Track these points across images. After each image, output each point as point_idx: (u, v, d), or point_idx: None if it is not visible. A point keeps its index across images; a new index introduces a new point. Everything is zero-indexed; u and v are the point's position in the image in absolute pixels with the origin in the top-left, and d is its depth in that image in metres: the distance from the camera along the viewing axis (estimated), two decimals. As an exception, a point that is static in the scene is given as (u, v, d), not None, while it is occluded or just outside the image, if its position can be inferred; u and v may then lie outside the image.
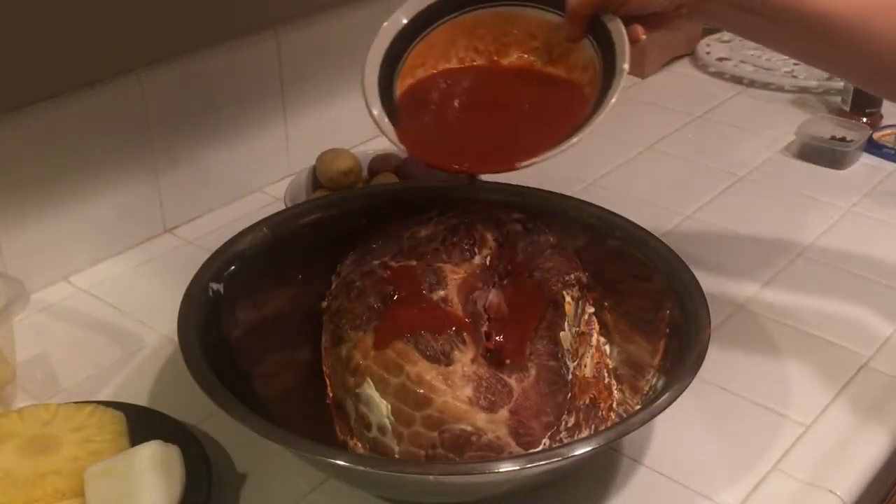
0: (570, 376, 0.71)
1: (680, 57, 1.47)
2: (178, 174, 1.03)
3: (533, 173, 0.82)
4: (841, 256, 1.00)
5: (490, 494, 0.70)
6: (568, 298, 0.76)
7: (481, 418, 0.66)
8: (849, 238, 1.04)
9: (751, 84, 1.39)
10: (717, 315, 0.87)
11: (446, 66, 0.83)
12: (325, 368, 0.76)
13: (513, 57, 0.83)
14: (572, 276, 0.78)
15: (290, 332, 0.80)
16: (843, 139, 1.18)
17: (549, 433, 0.68)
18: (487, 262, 0.76)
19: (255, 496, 0.72)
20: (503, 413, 0.67)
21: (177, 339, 0.71)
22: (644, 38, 0.76)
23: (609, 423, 0.74)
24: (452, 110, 0.81)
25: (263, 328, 0.79)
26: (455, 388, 0.67)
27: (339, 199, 0.91)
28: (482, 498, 0.71)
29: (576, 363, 0.74)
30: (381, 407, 0.68)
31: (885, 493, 0.83)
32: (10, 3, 0.84)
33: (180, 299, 0.74)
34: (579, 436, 0.70)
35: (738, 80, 1.40)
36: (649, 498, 0.73)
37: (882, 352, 0.87)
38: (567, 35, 0.79)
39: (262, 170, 1.11)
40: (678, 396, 0.66)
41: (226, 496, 0.72)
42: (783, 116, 1.28)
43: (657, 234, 0.83)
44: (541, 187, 0.88)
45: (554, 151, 0.73)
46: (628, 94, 1.37)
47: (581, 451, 0.63)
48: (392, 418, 0.67)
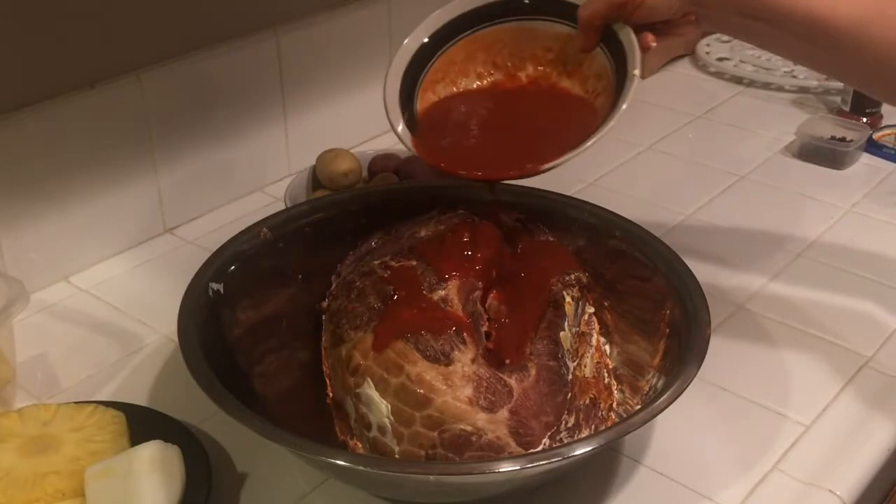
0: (570, 376, 0.71)
1: (680, 57, 1.47)
2: (178, 174, 1.03)
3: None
4: (841, 256, 1.00)
5: (490, 494, 0.70)
6: (568, 298, 0.76)
7: (481, 418, 0.66)
8: (849, 238, 1.04)
9: (751, 84, 1.39)
10: (717, 315, 0.87)
11: (465, 81, 0.85)
12: (325, 368, 0.76)
13: (529, 69, 0.85)
14: (572, 276, 0.78)
15: (290, 332, 0.80)
16: (843, 139, 1.18)
17: (549, 433, 0.68)
18: (488, 262, 0.76)
19: (255, 496, 0.72)
20: (503, 413, 0.67)
21: (177, 339, 0.71)
22: (654, 45, 0.78)
23: (609, 423, 0.74)
24: (471, 125, 0.84)
25: (263, 328, 0.79)
26: (455, 388, 0.67)
27: (339, 199, 0.91)
28: (482, 498, 0.71)
29: (576, 363, 0.74)
30: (381, 407, 0.68)
31: (885, 493, 0.83)
32: (11, 3, 0.84)
33: (180, 299, 0.74)
34: (579, 436, 0.70)
35: (738, 80, 1.40)
36: (649, 498, 0.73)
37: (882, 351, 0.87)
38: (580, 45, 0.81)
39: (262, 170, 1.11)
40: (678, 396, 0.66)
41: (226, 496, 0.72)
42: (783, 116, 1.28)
43: (657, 234, 0.83)
44: (541, 187, 0.88)
45: (569, 155, 0.74)
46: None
47: (581, 451, 0.63)
48: (392, 418, 0.67)
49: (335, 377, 0.73)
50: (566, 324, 0.74)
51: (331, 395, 0.75)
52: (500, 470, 0.62)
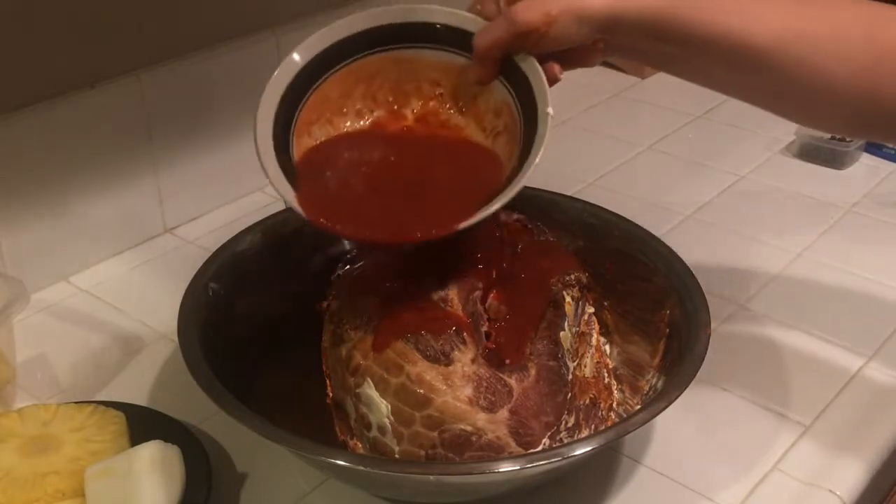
0: (570, 376, 0.71)
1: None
2: (178, 174, 1.03)
3: (533, 173, 0.82)
4: (841, 256, 1.00)
5: (490, 494, 0.70)
6: (568, 298, 0.76)
7: (481, 418, 0.66)
8: (849, 238, 1.04)
9: (751, 84, 1.39)
10: (717, 315, 0.87)
11: (343, 120, 0.76)
12: (325, 368, 0.76)
13: (415, 105, 0.76)
14: (572, 276, 0.78)
15: (290, 332, 0.80)
16: (843, 139, 1.18)
17: (549, 433, 0.68)
18: (488, 262, 0.76)
19: (255, 496, 0.72)
20: (503, 413, 0.67)
21: (177, 339, 0.71)
22: (561, 77, 0.70)
23: (609, 423, 0.74)
24: (358, 178, 0.74)
25: (263, 328, 0.79)
26: (455, 388, 0.67)
27: (339, 199, 0.90)
28: (482, 498, 0.71)
29: (576, 363, 0.74)
30: (381, 407, 0.68)
31: (885, 493, 0.83)
32: (11, 3, 0.84)
33: (180, 299, 0.74)
34: (579, 436, 0.70)
35: (738, 80, 1.40)
36: (649, 498, 0.73)
37: (882, 352, 0.87)
38: (476, 77, 0.73)
39: (261, 170, 1.11)
40: (678, 396, 0.66)
41: (226, 496, 0.72)
42: (783, 116, 1.28)
43: (657, 234, 0.83)
44: (541, 187, 0.88)
45: (485, 211, 0.66)
46: (628, 94, 1.37)
47: (581, 451, 0.63)
48: (392, 418, 0.67)
49: (335, 377, 0.73)
50: (566, 324, 0.74)
51: (331, 395, 0.75)
52: (500, 470, 0.62)
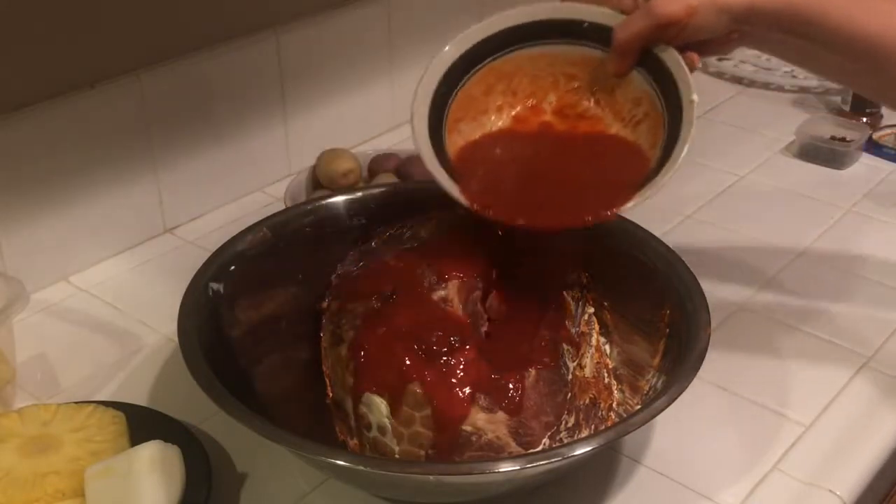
0: (570, 376, 0.71)
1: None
2: (178, 174, 1.03)
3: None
4: (841, 256, 1.00)
5: (490, 494, 0.70)
6: (568, 298, 0.76)
7: (481, 418, 0.66)
8: (849, 238, 1.04)
9: (751, 84, 1.39)
10: (717, 315, 0.87)
11: (487, 118, 0.80)
12: (325, 368, 0.76)
13: (552, 99, 0.80)
14: (572, 277, 0.78)
15: (290, 332, 0.80)
16: (843, 139, 1.18)
17: (549, 433, 0.68)
18: (488, 262, 0.76)
19: (255, 496, 0.72)
20: (503, 413, 0.67)
21: (177, 339, 0.71)
22: (699, 66, 0.75)
23: (609, 423, 0.74)
24: (512, 174, 0.79)
25: (263, 328, 0.79)
26: (454, 387, 0.67)
27: (340, 198, 0.90)
28: (482, 498, 0.71)
29: (576, 363, 0.74)
30: (380, 407, 0.68)
31: (885, 493, 0.83)
32: (11, 3, 0.84)
33: (180, 299, 0.74)
34: (579, 436, 0.70)
35: (738, 80, 1.40)
36: (649, 498, 0.73)
37: (882, 352, 0.87)
38: (614, 70, 0.76)
39: (262, 170, 1.11)
40: (678, 396, 0.66)
41: (226, 496, 0.72)
42: (783, 116, 1.28)
43: (657, 234, 0.83)
44: (541, 187, 0.88)
45: (643, 195, 0.71)
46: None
47: (581, 451, 0.63)
48: (392, 418, 0.67)
49: (335, 377, 0.73)
50: (566, 324, 0.74)
51: (331, 394, 0.75)
52: (500, 470, 0.62)
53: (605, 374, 0.78)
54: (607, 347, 0.81)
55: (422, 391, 0.66)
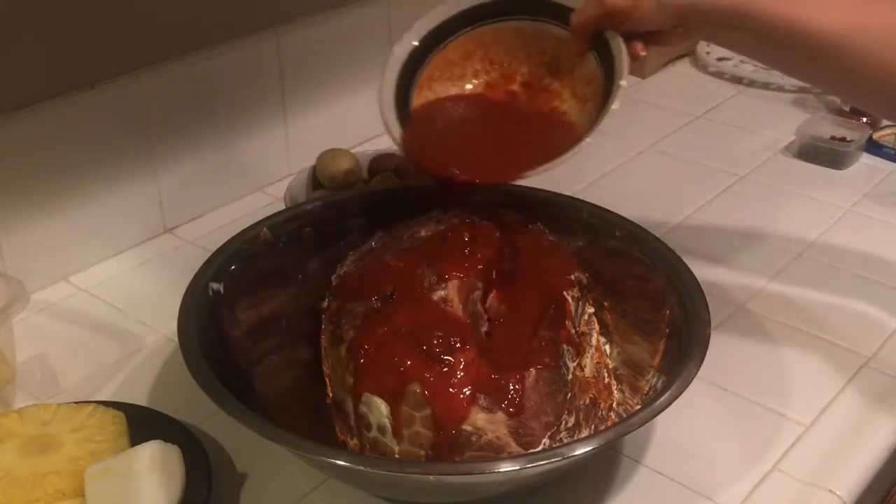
0: (570, 376, 0.71)
1: (680, 57, 1.47)
2: (178, 174, 1.03)
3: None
4: (841, 256, 1.00)
5: (490, 494, 0.70)
6: (568, 298, 0.76)
7: (481, 418, 0.66)
8: (849, 238, 1.04)
9: (751, 84, 1.39)
10: (717, 315, 0.87)
11: (461, 80, 0.87)
12: (325, 368, 0.76)
13: (524, 69, 0.87)
14: (572, 276, 0.78)
15: (290, 331, 0.80)
16: (843, 139, 1.18)
17: (549, 433, 0.68)
18: (488, 262, 0.76)
19: (255, 496, 0.72)
20: (503, 413, 0.67)
21: (177, 339, 0.71)
22: (644, 54, 0.79)
23: (609, 423, 0.74)
24: (457, 129, 0.87)
25: (263, 328, 0.79)
26: (454, 387, 0.67)
27: (339, 199, 0.91)
28: (482, 498, 0.71)
29: (576, 363, 0.74)
30: (380, 407, 0.68)
31: (885, 493, 0.83)
32: (11, 3, 0.84)
33: (180, 299, 0.74)
34: (579, 436, 0.70)
35: (738, 80, 1.40)
36: (649, 498, 0.73)
37: (882, 352, 0.87)
38: (573, 49, 0.83)
39: (262, 170, 1.11)
40: (678, 396, 0.66)
41: (226, 496, 0.72)
42: (783, 116, 1.28)
43: (657, 234, 0.83)
44: (541, 187, 0.88)
45: (546, 166, 0.77)
46: (628, 93, 1.36)
47: (581, 451, 0.63)
48: (392, 418, 0.67)
49: (335, 377, 0.73)
50: (566, 324, 0.74)
51: (331, 394, 0.75)
52: (500, 470, 0.62)
53: (605, 374, 0.78)
54: (607, 347, 0.81)
55: (422, 391, 0.66)
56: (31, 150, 0.90)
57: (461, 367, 0.67)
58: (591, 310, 0.79)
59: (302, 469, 0.74)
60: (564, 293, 0.76)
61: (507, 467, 0.63)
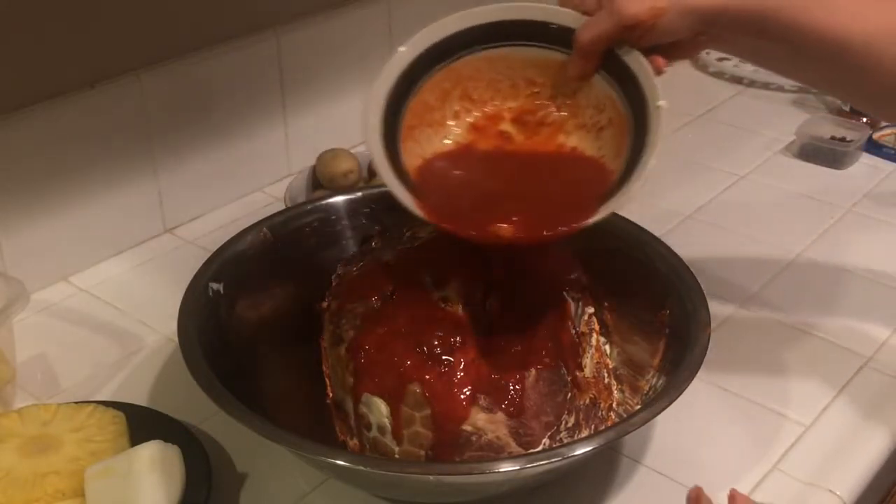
0: (570, 376, 0.71)
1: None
2: (178, 174, 1.03)
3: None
4: (841, 256, 1.00)
5: (490, 494, 0.70)
6: (568, 298, 0.76)
7: (481, 418, 0.66)
8: (849, 238, 1.04)
9: (751, 84, 1.39)
10: (717, 315, 0.87)
11: (444, 126, 0.76)
12: (324, 368, 0.76)
13: (511, 104, 0.76)
14: (572, 277, 0.78)
15: (290, 331, 0.80)
16: (843, 139, 1.18)
17: (549, 433, 0.68)
18: (488, 262, 0.76)
19: (255, 496, 0.72)
20: (503, 413, 0.67)
21: (177, 339, 0.71)
22: (666, 70, 0.70)
23: (609, 423, 0.74)
24: (474, 191, 0.75)
25: (263, 328, 0.79)
26: (454, 388, 0.67)
27: (339, 199, 0.90)
28: (482, 498, 0.71)
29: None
30: (380, 407, 0.68)
31: (885, 493, 0.83)
32: (11, 3, 0.84)
33: (180, 299, 0.74)
34: (579, 436, 0.70)
35: (738, 80, 1.40)
36: (649, 498, 0.73)
37: (882, 352, 0.87)
38: (576, 73, 0.73)
39: (262, 170, 1.11)
40: (678, 396, 0.66)
41: (226, 496, 0.72)
42: (783, 116, 1.28)
43: (657, 234, 0.83)
44: (541, 187, 0.88)
45: (600, 214, 0.67)
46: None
47: (581, 451, 0.63)
48: (392, 419, 0.67)
49: (335, 377, 0.73)
50: (566, 324, 0.74)
51: (331, 395, 0.75)
52: (500, 470, 0.62)
53: (606, 374, 0.78)
54: (607, 347, 0.81)
55: (422, 391, 0.66)
56: (31, 150, 0.90)
57: (461, 367, 0.67)
58: (591, 310, 0.79)
59: (302, 469, 0.74)
60: (564, 293, 0.76)
61: (507, 467, 0.63)
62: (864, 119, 1.24)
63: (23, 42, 0.86)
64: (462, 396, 0.67)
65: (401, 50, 0.74)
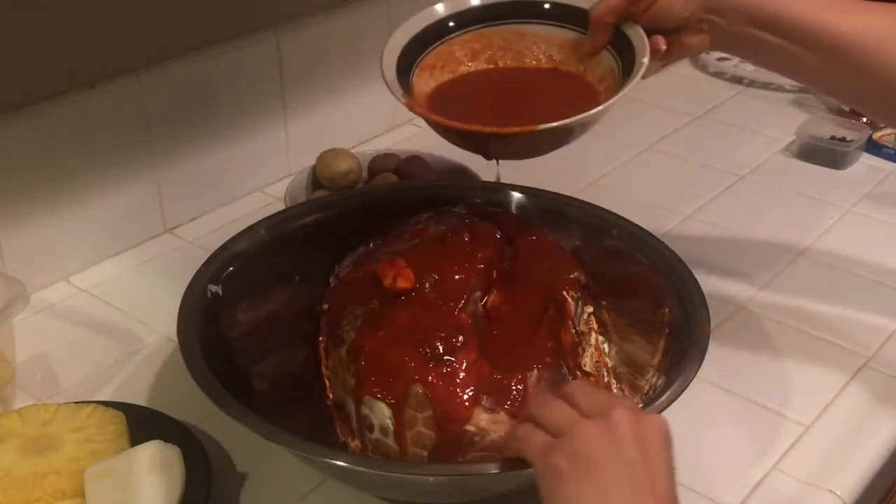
0: (571, 376, 0.71)
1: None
2: (178, 174, 1.03)
3: (534, 172, 0.82)
4: (841, 256, 1.00)
5: (490, 494, 0.70)
6: (568, 298, 0.76)
7: (484, 419, 0.66)
8: (849, 238, 1.04)
9: (751, 84, 1.39)
10: (717, 315, 0.87)
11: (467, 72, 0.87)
12: (324, 370, 0.76)
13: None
14: (572, 276, 0.78)
15: (290, 332, 0.80)
16: (843, 139, 1.18)
17: (550, 433, 0.68)
18: (488, 262, 0.76)
19: (255, 496, 0.72)
20: (505, 413, 0.67)
21: (177, 339, 0.71)
22: (664, 48, 0.79)
23: (609, 423, 0.74)
24: (476, 94, 0.86)
25: (263, 328, 0.79)
26: (456, 388, 0.67)
27: (339, 199, 0.91)
28: (482, 498, 0.71)
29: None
30: (383, 409, 0.68)
31: (885, 493, 0.83)
32: (11, 3, 0.84)
33: (180, 299, 0.74)
34: (579, 436, 0.70)
35: (738, 80, 1.40)
36: (649, 498, 0.72)
37: (882, 352, 0.87)
38: (589, 47, 0.83)
39: (262, 170, 1.11)
40: (678, 396, 0.66)
41: (226, 496, 0.72)
42: (783, 116, 1.28)
43: (657, 234, 0.83)
44: (541, 187, 0.88)
45: (570, 120, 0.75)
46: (628, 93, 1.37)
47: (581, 451, 0.62)
48: (394, 420, 0.67)
49: (335, 378, 0.73)
50: (567, 323, 0.74)
51: (331, 395, 0.75)
52: (500, 471, 0.62)
53: (605, 373, 0.78)
54: (606, 346, 0.81)
55: (424, 392, 0.66)
56: (31, 150, 0.90)
57: (463, 367, 0.67)
58: (591, 309, 0.79)
59: (302, 470, 0.74)
60: (564, 293, 0.76)
61: (507, 467, 0.62)
62: (864, 119, 1.24)
63: (23, 42, 0.86)
64: (465, 397, 0.67)
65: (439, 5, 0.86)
